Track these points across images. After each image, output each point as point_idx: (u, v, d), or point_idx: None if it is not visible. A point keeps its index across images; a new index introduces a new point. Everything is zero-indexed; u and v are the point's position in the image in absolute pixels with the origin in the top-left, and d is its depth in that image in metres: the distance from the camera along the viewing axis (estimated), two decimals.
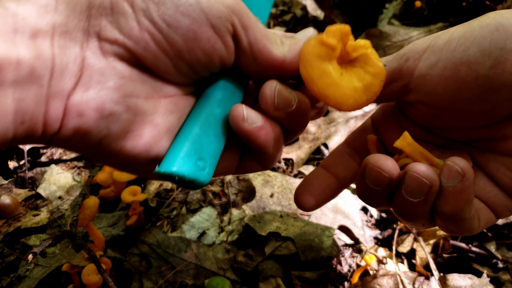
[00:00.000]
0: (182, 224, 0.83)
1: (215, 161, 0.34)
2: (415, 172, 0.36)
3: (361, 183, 0.41)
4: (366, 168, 0.39)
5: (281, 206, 0.85)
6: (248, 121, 0.34)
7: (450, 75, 0.37)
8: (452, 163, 0.35)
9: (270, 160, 0.40)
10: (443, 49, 0.37)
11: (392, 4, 1.36)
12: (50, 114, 0.27)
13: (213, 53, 0.32)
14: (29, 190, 0.88)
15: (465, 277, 0.69)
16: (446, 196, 0.36)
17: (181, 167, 0.31)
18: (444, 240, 0.76)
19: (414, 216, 0.39)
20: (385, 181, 0.38)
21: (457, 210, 0.37)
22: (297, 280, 0.72)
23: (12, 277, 0.68)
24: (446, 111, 0.40)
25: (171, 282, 0.71)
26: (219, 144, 0.35)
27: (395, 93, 0.43)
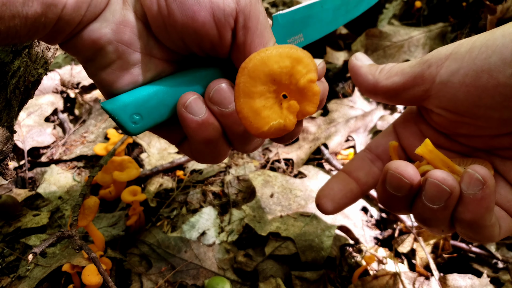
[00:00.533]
0: (182, 224, 0.83)
1: (151, 123, 0.38)
2: (435, 178, 0.37)
3: (382, 189, 0.41)
4: (387, 174, 0.39)
5: (281, 206, 0.85)
6: (187, 109, 0.36)
7: (471, 82, 0.37)
8: (473, 171, 0.36)
9: (200, 156, 0.42)
10: (465, 56, 0.38)
11: (392, 4, 1.36)
12: (70, 19, 0.33)
13: (205, 37, 0.35)
14: (29, 190, 0.88)
15: (465, 277, 0.69)
16: (466, 203, 0.37)
17: (115, 110, 0.36)
18: (444, 240, 0.76)
19: (434, 222, 0.40)
20: (406, 187, 0.38)
21: (477, 217, 0.37)
22: (297, 280, 0.72)
23: (12, 277, 0.68)
24: (467, 118, 0.40)
25: (171, 282, 0.71)
26: (164, 113, 0.38)
27: (416, 98, 0.43)
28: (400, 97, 0.45)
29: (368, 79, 0.47)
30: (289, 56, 0.32)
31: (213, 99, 0.37)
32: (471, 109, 0.39)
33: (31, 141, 1.00)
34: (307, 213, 0.83)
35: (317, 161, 0.99)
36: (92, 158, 1.00)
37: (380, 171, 0.51)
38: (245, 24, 0.35)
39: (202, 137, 0.38)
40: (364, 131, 1.04)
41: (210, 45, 0.36)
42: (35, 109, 1.09)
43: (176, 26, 0.34)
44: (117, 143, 0.88)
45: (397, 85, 0.44)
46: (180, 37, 0.35)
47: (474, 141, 0.44)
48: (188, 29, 0.34)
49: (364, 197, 0.89)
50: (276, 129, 0.33)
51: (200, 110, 0.36)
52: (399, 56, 1.20)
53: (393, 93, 0.45)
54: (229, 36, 0.35)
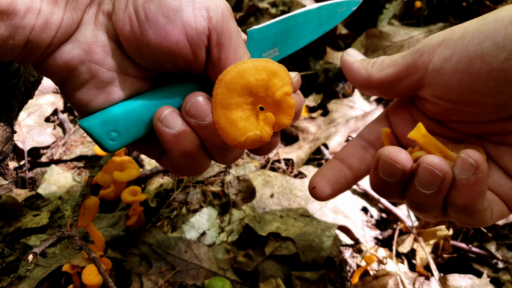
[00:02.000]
0: (182, 225, 0.83)
1: (129, 139, 0.39)
2: (428, 163, 0.36)
3: (374, 175, 0.41)
4: (380, 160, 0.39)
5: (281, 206, 0.85)
6: (163, 122, 0.37)
7: (464, 68, 0.37)
8: (466, 155, 0.36)
9: (179, 169, 0.42)
10: (457, 43, 0.38)
11: (392, 4, 1.36)
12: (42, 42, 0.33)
13: (179, 56, 0.35)
14: (29, 190, 0.88)
15: (465, 277, 0.69)
16: (459, 188, 0.37)
17: (92, 128, 0.37)
18: (444, 241, 0.76)
19: (427, 208, 0.40)
20: (399, 173, 0.38)
21: (470, 202, 0.37)
22: (297, 280, 0.72)
23: (13, 277, 0.68)
24: (461, 105, 0.40)
25: (171, 282, 0.71)
26: (142, 129, 0.39)
27: (410, 88, 0.43)
28: (394, 89, 0.45)
29: (361, 73, 0.47)
30: (265, 69, 0.32)
31: (190, 112, 0.37)
32: (465, 96, 0.39)
33: (31, 141, 1.00)
34: (307, 213, 0.83)
35: (317, 161, 0.99)
36: (92, 158, 1.00)
37: (372, 158, 0.51)
38: (218, 41, 0.36)
39: (179, 150, 0.38)
40: None
41: (185, 63, 0.37)
42: (35, 109, 1.09)
43: (149, 46, 0.35)
44: None
45: (390, 77, 0.44)
46: (154, 57, 0.36)
47: (466, 127, 0.44)
48: (162, 49, 0.35)
49: (364, 197, 0.89)
50: (253, 140, 0.34)
51: (175, 123, 0.37)
52: None
53: (387, 85, 0.45)
54: (204, 53, 0.36)
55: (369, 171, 0.49)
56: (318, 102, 1.15)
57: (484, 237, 0.81)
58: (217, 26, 0.35)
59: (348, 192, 0.90)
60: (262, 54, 0.46)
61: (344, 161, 0.50)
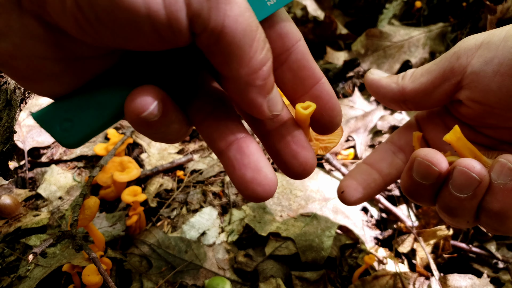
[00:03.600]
0: (182, 225, 0.83)
1: (86, 130, 0.32)
2: (464, 166, 0.36)
3: (408, 177, 0.41)
4: (415, 162, 0.39)
5: (281, 206, 0.85)
6: (145, 117, 0.29)
7: (506, 71, 0.37)
8: (505, 160, 0.35)
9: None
10: (499, 45, 0.37)
11: (392, 4, 1.36)
12: None
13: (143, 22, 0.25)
14: (30, 191, 0.88)
15: (465, 277, 0.69)
16: (495, 192, 0.36)
17: (41, 118, 0.31)
18: (444, 241, 0.76)
19: (460, 212, 0.39)
20: (434, 175, 0.38)
21: (506, 207, 0.36)
22: (298, 280, 0.72)
23: (13, 277, 0.68)
24: (498, 109, 0.40)
25: (171, 282, 0.71)
26: (102, 115, 0.32)
27: (448, 94, 0.42)
28: (430, 97, 0.43)
29: (392, 88, 0.45)
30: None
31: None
32: (504, 100, 0.38)
33: (31, 141, 1.00)
34: (307, 213, 0.83)
35: (317, 161, 0.99)
36: (92, 158, 1.00)
37: (402, 163, 0.50)
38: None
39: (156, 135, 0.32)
40: (364, 131, 1.04)
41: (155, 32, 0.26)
42: (36, 109, 1.09)
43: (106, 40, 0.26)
44: (117, 143, 0.88)
45: (426, 85, 0.43)
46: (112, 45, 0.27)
47: (500, 133, 0.44)
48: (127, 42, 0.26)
49: None
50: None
51: (157, 112, 0.29)
52: (399, 56, 1.20)
53: (423, 94, 0.43)
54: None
55: (399, 175, 0.49)
56: None
57: (484, 237, 0.81)
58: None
59: None
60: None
61: (374, 165, 0.50)
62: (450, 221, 0.42)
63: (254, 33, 0.27)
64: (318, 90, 0.34)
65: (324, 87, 0.34)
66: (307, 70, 0.33)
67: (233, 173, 0.32)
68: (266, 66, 0.29)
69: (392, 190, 0.91)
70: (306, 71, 0.33)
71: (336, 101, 0.35)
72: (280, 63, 0.33)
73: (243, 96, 0.30)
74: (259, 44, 0.27)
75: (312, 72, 0.33)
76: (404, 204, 0.88)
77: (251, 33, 0.26)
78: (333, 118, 0.35)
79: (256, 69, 0.28)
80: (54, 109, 0.31)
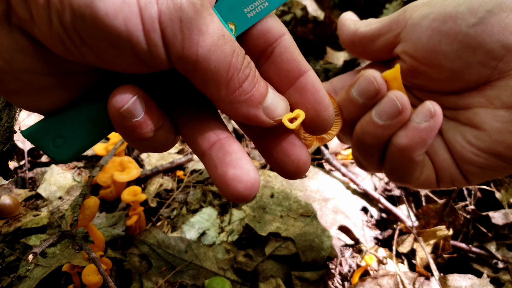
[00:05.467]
0: (182, 224, 0.83)
1: (79, 145, 0.32)
2: (395, 95, 0.40)
3: (345, 93, 0.44)
4: (361, 77, 0.42)
5: (281, 206, 0.85)
6: (124, 113, 0.29)
7: (437, 26, 0.40)
8: (429, 103, 0.40)
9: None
10: (438, 3, 0.41)
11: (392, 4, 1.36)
12: None
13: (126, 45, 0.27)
14: (29, 190, 0.88)
15: (465, 277, 0.69)
16: (408, 129, 0.40)
17: (32, 136, 0.31)
18: (444, 241, 0.76)
19: (370, 141, 0.43)
20: (371, 92, 0.41)
21: (411, 145, 0.40)
22: (297, 280, 0.72)
23: (13, 277, 0.68)
24: (424, 65, 0.43)
25: (171, 282, 0.71)
26: (93, 129, 0.32)
27: (389, 44, 0.46)
28: (374, 45, 0.47)
29: (349, 28, 0.49)
30: None
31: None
32: (429, 55, 0.42)
33: None
34: (307, 213, 0.83)
35: (317, 161, 0.99)
36: (92, 158, 1.00)
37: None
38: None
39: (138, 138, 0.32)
40: None
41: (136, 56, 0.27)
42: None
43: (91, 61, 0.27)
44: (117, 143, 0.88)
45: (373, 32, 0.47)
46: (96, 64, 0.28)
47: (426, 96, 0.47)
48: (110, 63, 0.27)
49: (364, 197, 0.89)
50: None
51: (138, 112, 0.29)
52: None
53: (369, 39, 0.47)
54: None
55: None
56: None
57: (484, 237, 0.81)
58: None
59: (348, 192, 0.90)
60: (244, 10, 0.33)
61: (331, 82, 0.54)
62: (359, 155, 0.46)
63: (229, 58, 0.28)
64: (302, 82, 0.33)
65: (309, 79, 0.33)
66: (291, 62, 0.33)
67: (215, 172, 0.31)
68: (247, 82, 0.29)
69: (392, 190, 0.91)
70: (290, 64, 0.33)
71: (324, 94, 0.33)
72: (265, 59, 0.34)
73: (235, 113, 0.31)
74: (236, 66, 0.28)
75: (296, 65, 0.33)
76: (404, 204, 0.88)
77: (226, 59, 0.28)
78: (320, 112, 0.33)
79: (235, 89, 0.29)
80: (45, 125, 0.31)
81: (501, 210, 0.81)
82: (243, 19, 0.33)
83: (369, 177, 0.95)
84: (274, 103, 0.31)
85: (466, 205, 0.83)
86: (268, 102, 0.31)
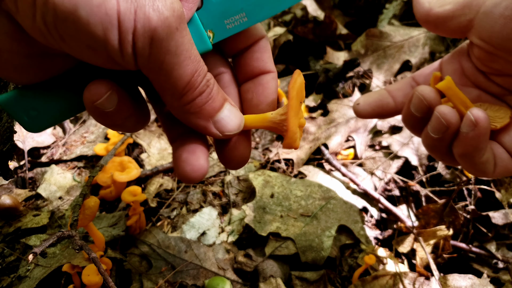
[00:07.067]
0: (182, 224, 0.83)
1: (49, 118, 0.35)
2: (438, 112, 0.43)
3: (406, 107, 0.48)
4: (414, 94, 0.46)
5: (281, 206, 0.85)
6: (100, 105, 0.32)
7: (509, 15, 0.41)
8: (470, 113, 0.41)
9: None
10: None
11: (392, 4, 1.36)
12: None
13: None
14: (30, 191, 0.88)
15: (465, 277, 0.69)
16: (460, 139, 0.43)
17: (8, 105, 0.33)
18: (444, 241, 0.76)
19: (433, 149, 0.47)
20: (424, 109, 0.45)
21: (467, 152, 0.43)
22: (297, 280, 0.72)
23: (13, 277, 0.68)
24: (501, 51, 0.44)
25: (171, 282, 0.71)
26: (67, 109, 0.35)
27: (461, 28, 0.47)
28: (447, 25, 0.48)
29: (424, 6, 0.50)
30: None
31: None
32: (504, 42, 0.43)
33: (31, 141, 1.00)
34: (307, 213, 0.83)
35: (317, 161, 0.99)
36: (92, 158, 1.00)
37: None
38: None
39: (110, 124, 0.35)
40: (364, 131, 1.04)
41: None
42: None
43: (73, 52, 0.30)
44: (117, 143, 0.88)
45: (447, 13, 0.48)
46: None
47: (508, 82, 0.48)
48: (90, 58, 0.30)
49: (364, 197, 0.89)
50: (297, 144, 0.37)
51: (111, 103, 0.32)
52: (399, 56, 1.20)
53: (442, 20, 0.48)
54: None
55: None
56: (318, 102, 1.15)
57: (484, 237, 0.81)
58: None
59: (349, 192, 0.90)
60: (224, 21, 0.36)
61: (391, 92, 0.56)
62: (430, 153, 0.50)
63: (189, 78, 0.31)
64: (262, 79, 0.39)
65: (268, 78, 0.39)
66: (259, 62, 0.39)
67: (173, 155, 0.37)
68: (199, 98, 0.33)
69: (392, 190, 0.91)
70: (258, 62, 0.39)
71: (272, 93, 0.39)
72: (241, 53, 0.40)
73: (186, 121, 0.35)
74: (193, 85, 0.32)
75: (263, 64, 0.39)
76: (404, 204, 0.88)
77: (186, 77, 0.31)
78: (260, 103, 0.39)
79: (187, 102, 0.33)
80: (20, 97, 0.33)
81: (501, 210, 0.81)
82: (222, 29, 0.36)
83: (369, 177, 0.95)
84: (226, 119, 0.35)
85: (466, 205, 0.83)
86: (220, 117, 0.35)
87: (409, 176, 0.93)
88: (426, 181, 0.91)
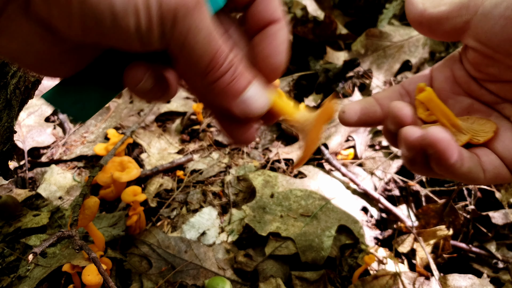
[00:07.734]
0: (182, 224, 0.83)
1: (94, 106, 0.37)
2: (403, 132, 0.42)
3: (386, 120, 0.48)
4: (389, 110, 0.45)
5: (281, 206, 0.85)
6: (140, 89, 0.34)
7: (510, 15, 0.40)
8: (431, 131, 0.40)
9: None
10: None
11: (392, 4, 1.36)
12: None
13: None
14: (30, 190, 0.88)
15: (465, 277, 0.69)
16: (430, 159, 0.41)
17: (55, 101, 0.36)
18: (444, 241, 0.76)
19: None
20: (398, 124, 0.44)
21: (442, 168, 0.41)
22: (297, 280, 0.72)
23: (13, 277, 0.68)
24: (499, 54, 0.43)
25: (171, 282, 0.71)
26: (104, 94, 0.37)
27: (456, 30, 0.46)
28: (441, 28, 0.47)
29: (418, 7, 0.49)
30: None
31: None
32: (504, 44, 0.41)
33: (31, 141, 1.00)
34: (307, 213, 0.83)
35: (317, 161, 0.99)
36: (92, 158, 1.00)
37: None
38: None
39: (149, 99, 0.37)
40: (364, 131, 1.04)
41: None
42: (35, 109, 1.09)
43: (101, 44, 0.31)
44: (117, 143, 0.88)
45: (442, 14, 0.46)
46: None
47: (502, 88, 0.47)
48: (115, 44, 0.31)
49: (364, 197, 0.89)
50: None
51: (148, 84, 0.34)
52: (399, 56, 1.20)
53: (436, 22, 0.47)
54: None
55: None
56: (318, 102, 1.15)
57: (484, 237, 0.81)
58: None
59: (348, 192, 0.90)
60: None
61: (379, 100, 0.54)
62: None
63: (212, 54, 0.32)
64: (271, 30, 0.38)
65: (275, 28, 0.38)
66: (266, 11, 0.38)
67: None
68: (224, 77, 0.33)
69: (392, 190, 0.91)
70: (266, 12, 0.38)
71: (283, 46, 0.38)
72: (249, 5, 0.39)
73: (210, 101, 0.35)
74: (217, 62, 0.32)
75: (270, 13, 0.38)
76: (404, 204, 0.88)
77: (209, 54, 0.32)
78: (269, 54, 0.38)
79: (212, 81, 0.33)
80: (62, 92, 0.36)
81: (501, 210, 0.81)
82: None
83: (369, 177, 0.95)
84: (251, 99, 0.35)
85: (466, 205, 0.83)
86: (244, 97, 0.34)
87: (409, 176, 0.93)
88: (426, 181, 0.91)
